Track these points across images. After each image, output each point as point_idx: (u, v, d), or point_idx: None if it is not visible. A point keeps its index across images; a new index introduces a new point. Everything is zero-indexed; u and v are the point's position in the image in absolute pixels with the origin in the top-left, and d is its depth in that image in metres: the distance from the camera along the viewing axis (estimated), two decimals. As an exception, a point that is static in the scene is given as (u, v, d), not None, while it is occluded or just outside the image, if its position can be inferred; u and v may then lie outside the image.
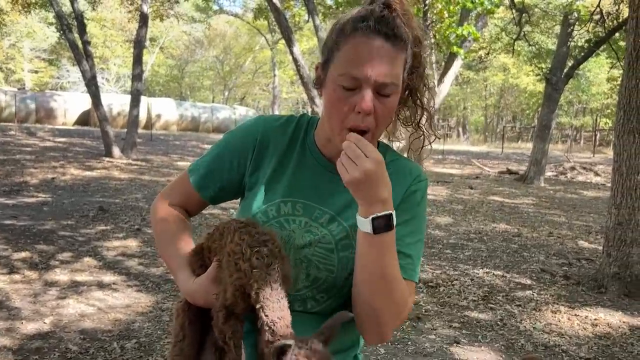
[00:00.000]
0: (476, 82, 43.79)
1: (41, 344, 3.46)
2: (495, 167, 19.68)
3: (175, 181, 1.28)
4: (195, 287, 1.07)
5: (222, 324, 1.00)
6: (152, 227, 1.29)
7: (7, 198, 8.25)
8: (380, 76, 1.02)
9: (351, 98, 1.03)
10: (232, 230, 1.04)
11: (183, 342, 1.09)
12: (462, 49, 15.45)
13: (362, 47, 1.02)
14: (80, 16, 14.49)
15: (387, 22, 1.02)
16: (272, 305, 0.95)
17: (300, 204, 1.14)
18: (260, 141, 1.18)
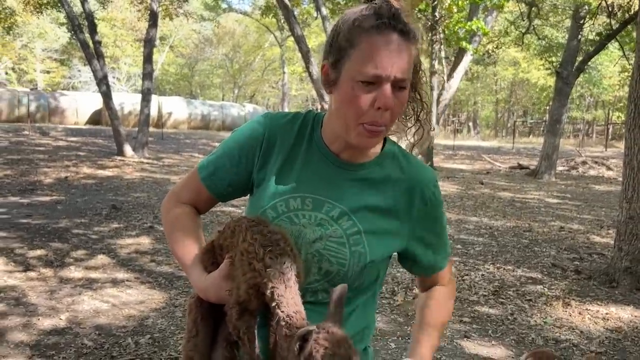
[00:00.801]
0: (486, 77, 43.54)
1: (57, 340, 3.53)
2: (506, 162, 19.59)
3: (185, 179, 1.30)
4: (207, 283, 1.10)
5: (236, 319, 1.03)
6: (163, 225, 1.32)
7: (21, 197, 8.37)
8: (399, 72, 1.05)
9: (369, 94, 1.06)
10: (243, 228, 1.06)
11: (197, 337, 1.12)
12: (471, 45, 15.39)
13: (381, 44, 1.04)
14: (90, 16, 14.62)
15: (399, 18, 1.06)
16: (287, 302, 0.98)
17: (310, 198, 1.16)
18: (267, 138, 1.20)
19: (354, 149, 1.17)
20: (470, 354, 3.63)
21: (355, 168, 1.18)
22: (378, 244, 1.15)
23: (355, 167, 1.18)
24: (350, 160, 1.19)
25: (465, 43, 15.25)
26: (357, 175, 1.18)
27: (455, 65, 16.98)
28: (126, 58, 41.52)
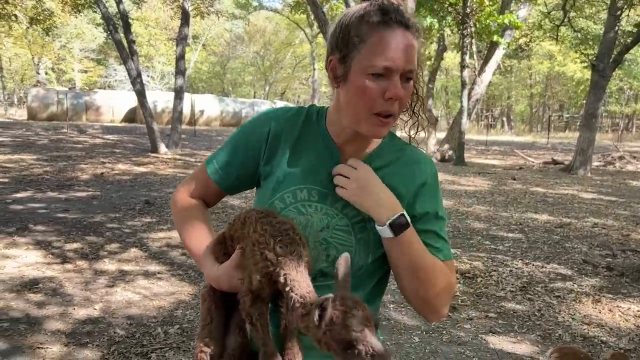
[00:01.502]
0: (520, 71, 42.69)
1: (91, 329, 3.67)
2: (540, 157, 19.22)
3: (194, 173, 1.37)
4: (219, 273, 1.16)
5: (249, 306, 1.09)
6: (173, 217, 1.38)
7: (59, 192, 8.66)
8: (407, 64, 1.11)
9: (380, 86, 1.11)
10: (253, 220, 1.11)
11: (211, 324, 1.18)
12: (503, 38, 15.15)
13: (390, 38, 1.10)
14: (125, 16, 14.95)
15: (403, 14, 1.12)
16: (300, 285, 1.03)
17: (316, 190, 1.21)
18: (273, 132, 1.25)
19: (360, 141, 1.22)
20: (494, 349, 3.62)
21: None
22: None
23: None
24: (354, 151, 1.23)
25: (497, 37, 15.03)
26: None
27: (487, 59, 16.76)
28: (160, 57, 42.26)
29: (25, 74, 43.90)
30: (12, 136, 17.90)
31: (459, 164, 15.70)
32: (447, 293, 1.21)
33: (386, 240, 1.15)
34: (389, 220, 1.12)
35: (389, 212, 1.13)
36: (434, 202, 1.25)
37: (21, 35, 32.37)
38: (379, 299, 1.32)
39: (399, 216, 1.13)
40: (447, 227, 5.42)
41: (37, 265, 4.95)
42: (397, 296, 4.57)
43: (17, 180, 9.54)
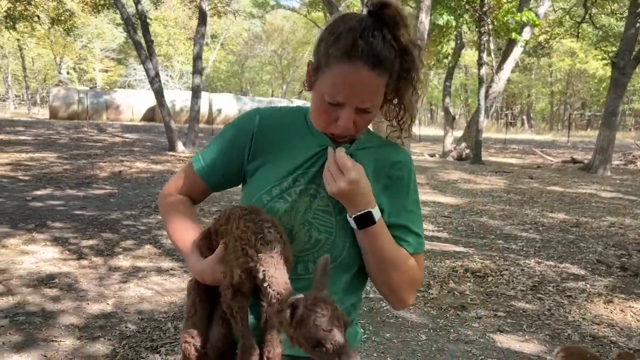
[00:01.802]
0: (541, 68, 42.15)
1: (104, 323, 3.76)
2: (560, 156, 18.99)
3: (181, 171, 1.41)
4: (203, 267, 1.20)
5: (230, 300, 1.13)
6: (161, 213, 1.42)
7: (78, 190, 8.83)
8: (361, 102, 1.14)
9: (334, 112, 1.16)
10: (237, 216, 1.16)
11: (195, 316, 1.23)
12: (521, 36, 15.00)
13: (349, 76, 1.11)
14: (143, 17, 15.14)
15: (373, 51, 1.10)
16: (277, 281, 1.07)
17: (300, 173, 1.25)
18: (257, 131, 1.29)
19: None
20: (501, 347, 3.61)
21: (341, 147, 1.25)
22: None
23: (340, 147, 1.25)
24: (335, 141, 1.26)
25: (515, 34, 14.89)
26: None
27: (505, 57, 16.60)
28: (179, 56, 42.67)
29: (47, 73, 44.69)
30: (34, 135, 18.26)
31: (475, 163, 15.60)
32: (411, 285, 1.27)
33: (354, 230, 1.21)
34: (354, 215, 1.18)
35: (357, 208, 1.17)
36: (407, 196, 1.28)
37: (44, 35, 32.96)
38: (362, 287, 1.34)
39: (365, 213, 1.17)
40: (461, 225, 5.43)
41: (53, 261, 5.07)
42: (406, 294, 4.58)
43: (37, 178, 9.75)
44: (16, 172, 10.35)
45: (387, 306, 4.30)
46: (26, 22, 22.30)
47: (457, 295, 4.60)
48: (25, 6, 19.71)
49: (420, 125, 34.69)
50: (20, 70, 42.41)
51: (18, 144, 15.22)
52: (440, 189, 10.78)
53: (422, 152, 19.21)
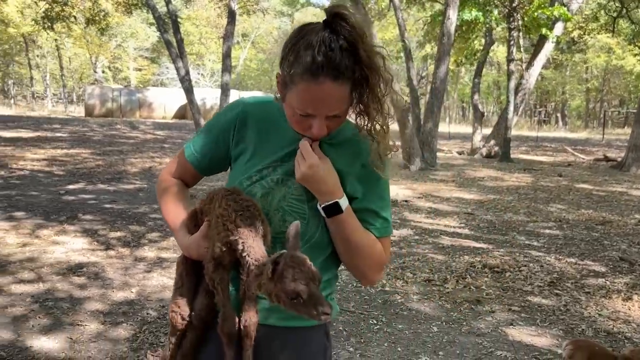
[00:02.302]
0: (575, 65, 41.18)
1: (127, 309, 3.93)
2: (593, 154, 18.58)
3: (175, 157, 1.53)
4: (189, 242, 1.33)
5: (212, 272, 1.25)
6: (157, 195, 1.54)
7: (108, 185, 9.13)
8: (330, 111, 1.23)
9: (306, 122, 1.25)
10: (220, 197, 1.27)
11: (182, 288, 1.35)
12: (552, 31, 14.74)
13: (313, 91, 1.19)
14: (174, 16, 15.45)
15: (332, 63, 1.16)
16: (255, 251, 1.18)
17: (279, 164, 1.35)
18: (241, 119, 1.40)
19: None
20: (512, 341, 3.64)
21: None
22: None
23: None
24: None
25: (545, 30, 14.65)
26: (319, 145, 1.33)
27: (535, 53, 16.33)
28: (210, 55, 43.24)
29: (83, 72, 45.90)
30: (70, 132, 18.83)
31: (504, 161, 15.41)
32: (377, 265, 1.37)
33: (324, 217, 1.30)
34: (322, 205, 1.27)
35: (326, 198, 1.27)
36: (378, 184, 1.37)
37: (80, 35, 33.88)
38: (336, 265, 1.43)
39: (333, 203, 1.27)
40: (483, 222, 5.45)
41: (82, 251, 5.29)
42: (422, 287, 4.63)
43: (71, 173, 10.11)
44: (51, 167, 10.75)
45: (402, 299, 4.37)
46: (63, 23, 22.99)
47: (473, 289, 4.63)
48: (62, 7, 20.32)
49: (450, 123, 34.36)
50: (57, 69, 43.68)
51: (54, 140, 15.74)
52: (465, 186, 10.73)
53: (451, 149, 19.07)
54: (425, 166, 12.93)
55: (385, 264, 1.42)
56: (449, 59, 14.31)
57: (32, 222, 6.22)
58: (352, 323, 3.86)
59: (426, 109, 13.89)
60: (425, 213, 7.83)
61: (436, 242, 6.16)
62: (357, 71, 1.20)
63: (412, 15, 29.36)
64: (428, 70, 32.86)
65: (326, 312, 1.08)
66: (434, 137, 13.75)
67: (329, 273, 1.40)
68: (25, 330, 3.50)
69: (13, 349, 3.25)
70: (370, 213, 1.36)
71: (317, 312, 1.09)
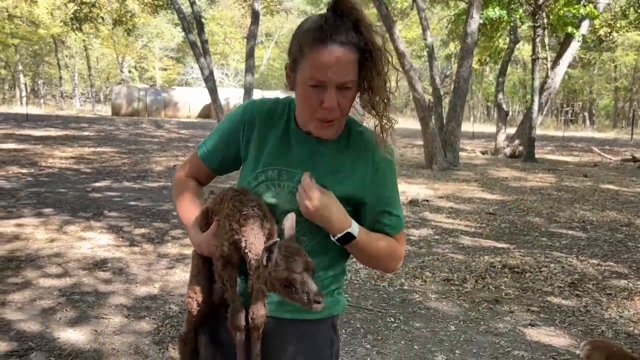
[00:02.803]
0: (604, 63, 40.35)
1: (149, 304, 4.04)
2: (620, 154, 18.23)
3: (189, 157, 1.60)
4: (200, 240, 1.39)
5: (221, 270, 1.32)
6: (172, 194, 1.62)
7: (134, 183, 9.32)
8: (340, 77, 1.27)
9: (318, 95, 1.29)
10: (228, 197, 1.34)
11: (198, 276, 1.42)
12: (578, 30, 14.51)
13: (323, 56, 1.25)
14: (198, 17, 15.66)
15: (340, 31, 1.26)
16: (256, 247, 1.25)
17: (285, 171, 1.39)
18: (250, 120, 1.45)
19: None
20: (530, 341, 3.63)
21: (324, 144, 1.40)
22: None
23: (323, 144, 1.40)
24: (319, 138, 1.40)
25: (571, 28, 14.42)
26: (325, 150, 1.40)
27: (561, 52, 16.10)
28: (234, 54, 43.58)
29: (110, 72, 46.72)
30: (96, 130, 19.23)
31: (528, 161, 15.23)
32: (396, 261, 1.47)
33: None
34: (336, 237, 1.33)
35: (337, 231, 1.32)
36: (387, 183, 1.42)
37: (107, 36, 34.52)
38: (343, 261, 1.48)
39: (345, 234, 1.33)
40: (504, 222, 5.45)
41: (108, 247, 5.43)
42: (441, 287, 4.64)
43: (98, 171, 10.34)
44: (79, 165, 11.01)
45: (420, 297, 4.39)
46: (91, 24, 23.48)
47: (492, 289, 4.62)
48: (90, 8, 20.76)
49: (474, 122, 34.03)
50: (85, 69, 44.56)
51: (82, 139, 16.10)
52: (488, 186, 10.65)
53: (474, 149, 18.91)
54: (448, 166, 12.86)
55: (402, 255, 1.49)
56: (473, 58, 14.20)
57: (60, 219, 6.40)
58: (369, 320, 3.90)
59: (449, 108, 13.80)
60: (446, 213, 7.81)
61: (456, 242, 6.16)
62: (361, 42, 1.28)
63: (436, 13, 29.15)
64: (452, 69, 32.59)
65: (317, 300, 1.13)
66: (457, 137, 13.66)
67: (336, 269, 1.45)
68: (53, 322, 3.62)
69: (41, 339, 3.37)
70: (384, 213, 1.42)
71: (308, 300, 1.14)
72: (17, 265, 4.71)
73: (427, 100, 13.29)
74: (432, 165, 12.67)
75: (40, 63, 44.99)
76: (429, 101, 13.35)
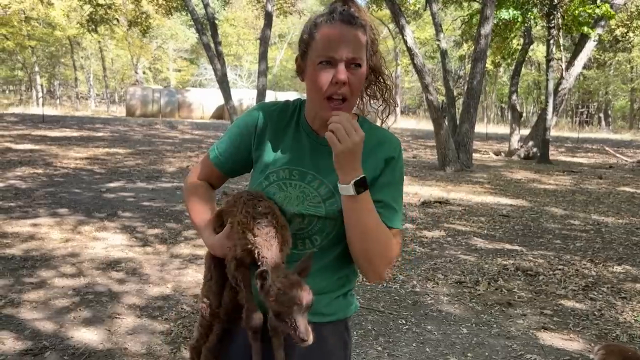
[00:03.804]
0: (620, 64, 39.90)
1: (162, 304, 4.07)
2: (637, 156, 18.01)
3: (201, 160, 1.61)
4: (214, 241, 1.40)
5: (234, 271, 1.32)
6: (184, 196, 1.62)
7: (147, 183, 9.39)
8: (349, 52, 1.30)
9: (329, 73, 1.31)
10: (242, 201, 1.34)
11: (211, 281, 1.43)
12: (594, 30, 14.35)
13: (332, 32, 1.31)
14: (212, 19, 15.75)
15: (347, 13, 1.33)
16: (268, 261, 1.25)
17: (296, 170, 1.41)
18: (260, 122, 1.47)
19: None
20: (543, 344, 3.60)
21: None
22: None
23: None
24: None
25: (587, 28, 14.27)
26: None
27: (576, 53, 15.94)
28: (248, 56, 43.73)
29: (125, 73, 47.13)
30: (111, 131, 19.40)
31: (542, 162, 15.11)
32: (388, 255, 1.36)
33: (345, 198, 1.30)
34: (354, 179, 1.27)
35: (354, 174, 1.27)
36: (393, 176, 1.42)
37: (122, 37, 34.83)
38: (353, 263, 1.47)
39: (362, 179, 1.28)
40: (518, 225, 5.43)
41: (121, 247, 5.48)
42: (453, 289, 4.62)
43: (112, 172, 10.43)
44: (93, 165, 11.12)
45: (432, 300, 4.37)
46: (107, 25, 23.71)
47: (505, 292, 4.59)
48: (106, 10, 20.97)
49: (488, 123, 33.81)
50: (100, 71, 45.01)
51: (96, 139, 16.26)
52: (501, 188, 10.57)
53: (487, 150, 18.79)
54: (461, 167, 12.80)
55: (395, 257, 1.42)
56: (486, 59, 14.12)
57: (74, 219, 6.48)
58: (381, 323, 3.89)
59: (462, 109, 13.73)
60: (458, 215, 7.77)
61: (469, 244, 6.12)
62: (367, 27, 1.34)
63: (450, 14, 29.02)
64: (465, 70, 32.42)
65: (304, 338, 1.13)
66: (470, 138, 13.58)
67: (346, 269, 1.45)
68: (67, 322, 3.67)
69: (55, 339, 3.41)
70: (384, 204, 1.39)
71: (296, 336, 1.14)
72: (32, 265, 4.77)
73: (440, 101, 13.23)
74: (445, 166, 12.61)
75: (57, 64, 45.53)
76: (442, 102, 13.28)
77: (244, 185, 8.84)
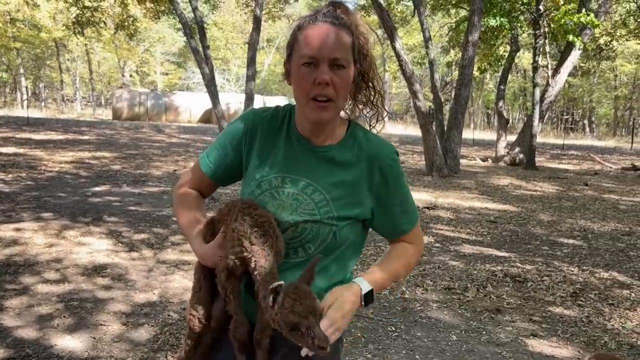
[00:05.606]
0: (604, 72, 40.45)
1: (149, 311, 4.00)
2: (621, 163, 18.23)
3: (190, 168, 1.58)
4: (205, 250, 1.37)
5: (224, 281, 1.29)
6: (173, 204, 1.59)
7: (133, 187, 9.29)
8: (331, 52, 1.28)
9: (312, 74, 1.29)
10: (237, 209, 1.31)
11: (200, 292, 1.39)
12: (579, 38, 14.52)
13: (314, 32, 1.29)
14: (200, 22, 15.68)
15: (331, 13, 1.32)
16: (266, 271, 1.23)
17: (288, 177, 1.38)
18: (251, 129, 1.44)
19: (322, 131, 1.38)
20: (532, 352, 3.60)
21: (325, 150, 1.39)
22: (342, 208, 1.35)
23: (325, 149, 1.39)
24: (320, 144, 1.39)
25: (572, 37, 14.44)
26: (326, 156, 1.39)
27: (561, 60, 16.11)
28: (236, 60, 43.65)
29: (111, 76, 46.81)
30: (97, 134, 19.21)
31: (528, 169, 15.22)
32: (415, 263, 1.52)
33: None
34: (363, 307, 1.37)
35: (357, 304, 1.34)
36: (397, 183, 1.41)
37: (109, 40, 34.57)
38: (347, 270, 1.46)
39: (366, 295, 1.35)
40: (505, 231, 5.43)
41: (107, 252, 5.40)
42: (442, 295, 4.61)
43: (97, 175, 10.31)
44: (79, 169, 10.98)
45: (421, 306, 4.35)
46: (93, 28, 23.52)
47: (494, 298, 4.59)
48: (92, 13, 20.80)
49: (475, 130, 34.05)
50: (87, 73, 44.63)
51: (82, 143, 16.08)
52: (488, 194, 10.62)
53: (474, 156, 18.90)
54: (448, 173, 12.85)
55: (421, 249, 1.54)
56: (473, 66, 14.22)
57: (59, 223, 6.37)
58: (370, 329, 3.87)
59: (450, 115, 13.80)
60: (446, 221, 7.78)
61: (457, 250, 6.13)
62: (353, 29, 1.32)
63: (437, 21, 29.22)
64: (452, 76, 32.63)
65: (323, 346, 1.11)
66: (458, 144, 13.65)
67: (339, 276, 1.43)
68: (50, 329, 3.59)
69: (38, 346, 3.34)
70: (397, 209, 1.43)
71: (313, 344, 1.12)
72: (15, 271, 4.68)
73: (428, 107, 13.28)
74: (432, 172, 12.65)
75: (42, 66, 45.06)
76: (430, 108, 13.34)
77: (232, 190, 8.78)
